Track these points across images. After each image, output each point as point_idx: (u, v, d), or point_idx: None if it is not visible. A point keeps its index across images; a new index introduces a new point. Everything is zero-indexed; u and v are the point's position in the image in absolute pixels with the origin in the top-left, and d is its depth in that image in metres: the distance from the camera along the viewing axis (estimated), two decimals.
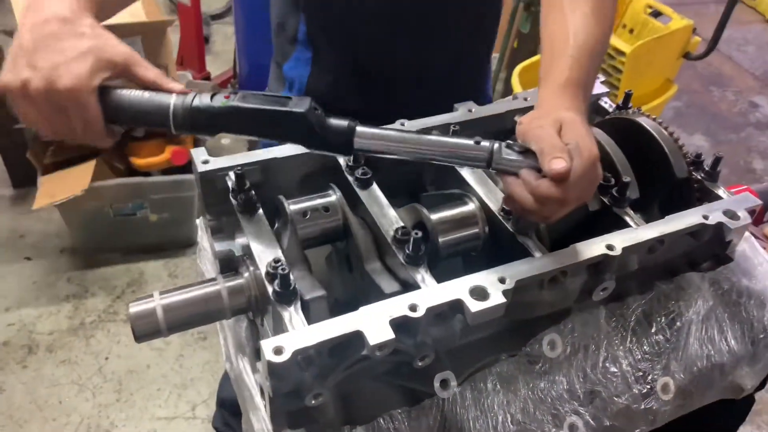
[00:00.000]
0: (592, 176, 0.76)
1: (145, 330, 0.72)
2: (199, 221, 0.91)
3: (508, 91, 3.14)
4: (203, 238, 0.89)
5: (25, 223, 2.98)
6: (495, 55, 3.64)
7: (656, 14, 3.01)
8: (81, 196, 2.48)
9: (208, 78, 3.42)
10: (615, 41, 2.86)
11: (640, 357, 0.90)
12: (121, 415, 2.30)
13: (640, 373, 0.89)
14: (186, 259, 2.86)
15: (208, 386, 2.36)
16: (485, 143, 0.78)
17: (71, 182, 2.53)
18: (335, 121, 0.78)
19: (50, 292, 2.72)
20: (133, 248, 2.82)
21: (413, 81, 1.24)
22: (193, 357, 2.44)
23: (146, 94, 0.79)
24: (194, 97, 0.78)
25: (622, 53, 2.80)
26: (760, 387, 1.09)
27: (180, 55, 3.43)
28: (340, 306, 0.90)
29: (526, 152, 0.77)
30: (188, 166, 2.73)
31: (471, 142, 0.79)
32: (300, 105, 0.76)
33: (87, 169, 2.55)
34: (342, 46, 1.27)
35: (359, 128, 0.78)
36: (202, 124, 0.77)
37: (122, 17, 2.55)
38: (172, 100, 0.78)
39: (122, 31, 2.41)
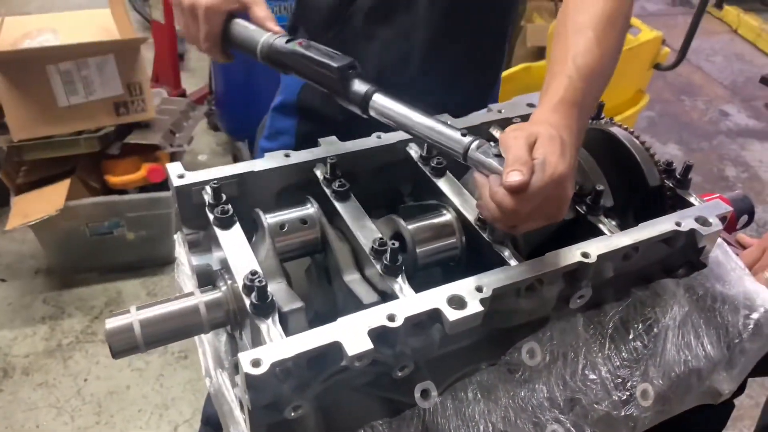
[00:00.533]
0: (554, 193, 0.76)
1: (122, 346, 0.71)
2: (176, 236, 0.91)
3: None
4: (181, 252, 0.88)
5: None
6: None
7: None
8: (56, 216, 2.44)
9: (183, 95, 3.41)
10: None
11: (618, 364, 0.91)
12: None
13: (620, 380, 0.90)
14: (165, 277, 2.83)
15: (190, 405, 2.32)
16: (468, 138, 0.84)
17: (45, 202, 2.50)
18: (359, 84, 0.91)
19: (26, 313, 2.67)
20: (110, 267, 2.78)
21: (420, 92, 1.24)
22: (174, 376, 2.40)
23: (251, 27, 1.00)
24: (276, 38, 0.97)
25: None
26: (739, 392, 1.11)
27: (155, 72, 3.42)
28: (320, 318, 0.89)
29: (499, 158, 0.79)
30: (165, 184, 2.70)
31: (458, 133, 0.85)
32: (338, 61, 0.91)
33: (61, 188, 2.52)
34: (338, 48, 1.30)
35: (375, 96, 0.90)
36: (274, 59, 0.97)
37: (95, 35, 2.54)
38: (263, 37, 0.98)
39: (95, 49, 2.40)
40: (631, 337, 0.92)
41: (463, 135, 0.84)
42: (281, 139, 1.37)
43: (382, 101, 0.90)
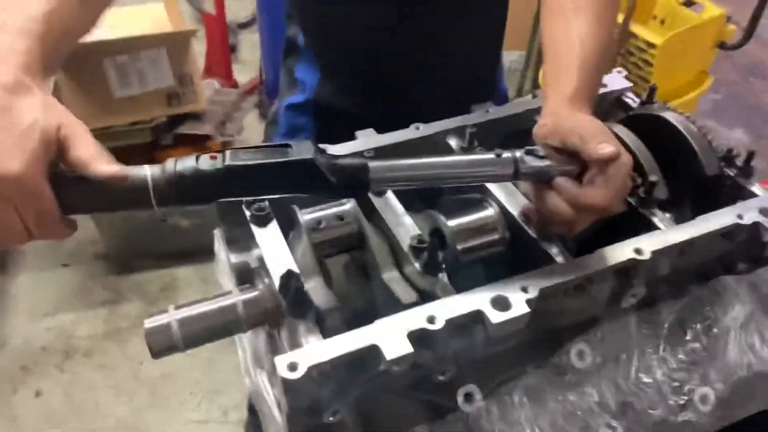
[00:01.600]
0: (627, 184, 0.75)
1: (162, 346, 0.71)
2: (216, 232, 0.91)
3: (535, 90, 3.08)
4: (220, 249, 0.88)
5: None
6: (522, 53, 3.58)
7: (689, 3, 2.90)
8: None
9: (235, 86, 3.45)
10: (645, 33, 2.76)
11: (675, 366, 0.86)
12: (156, 419, 2.33)
13: (676, 384, 0.85)
14: None
15: (240, 390, 2.37)
16: (507, 154, 0.75)
17: None
18: (347, 162, 0.71)
19: (86, 298, 2.78)
20: (165, 254, 2.86)
21: (422, 82, 1.21)
22: (224, 361, 2.46)
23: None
24: (175, 163, 0.66)
25: (653, 45, 2.71)
26: None
27: (207, 64, 3.47)
28: (359, 316, 0.88)
29: (549, 158, 0.75)
30: None
31: (492, 156, 0.75)
32: (304, 151, 0.68)
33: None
34: (343, 56, 1.27)
35: (372, 164, 0.71)
36: (192, 193, 0.66)
37: (149, 29, 2.60)
38: (148, 172, 0.66)
39: (146, 42, 2.45)
40: (688, 338, 0.87)
41: (498, 155, 0.74)
42: (299, 136, 1.34)
43: (383, 165, 0.72)
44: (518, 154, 0.75)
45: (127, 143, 2.65)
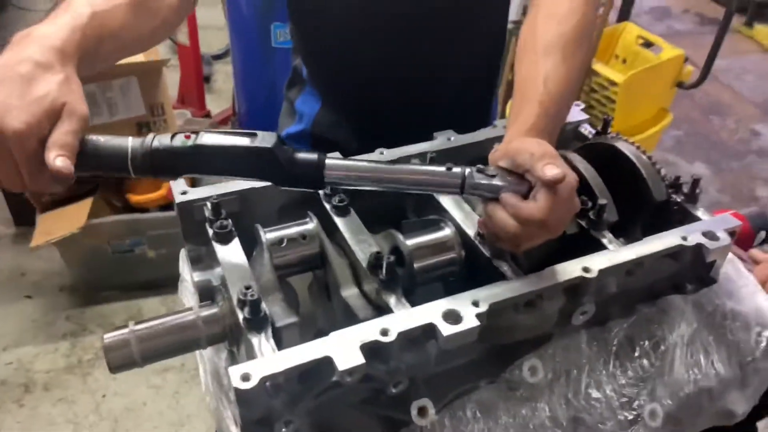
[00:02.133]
0: (571, 204, 0.78)
1: (120, 361, 0.72)
2: (182, 252, 0.92)
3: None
4: (184, 269, 0.89)
5: (26, 261, 2.99)
6: None
7: (648, 45, 3.05)
8: (79, 234, 2.49)
9: (208, 115, 3.47)
10: (608, 72, 2.89)
11: (624, 382, 0.89)
12: None
13: (625, 399, 0.88)
14: None
15: (204, 423, 2.33)
16: (457, 169, 0.79)
17: (68, 220, 2.55)
18: (304, 155, 0.76)
19: (49, 330, 2.72)
20: (131, 285, 2.82)
21: (419, 113, 1.24)
22: (189, 394, 2.42)
23: (102, 138, 0.75)
24: (153, 138, 0.74)
25: (615, 83, 2.83)
26: (758, 416, 1.07)
27: (180, 94, 3.49)
28: (322, 336, 0.90)
29: (497, 176, 0.79)
30: None
31: (443, 168, 0.79)
32: (266, 140, 0.73)
33: (84, 206, 2.57)
34: (344, 90, 1.30)
35: (329, 161, 0.76)
36: (164, 165, 0.74)
37: None
38: (130, 143, 0.74)
39: (118, 71, 2.46)
40: (637, 354, 0.90)
41: (449, 169, 0.78)
42: None
43: (338, 164, 0.76)
44: (468, 170, 0.79)
45: None
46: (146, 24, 0.93)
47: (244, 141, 0.74)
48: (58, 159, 0.70)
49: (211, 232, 0.83)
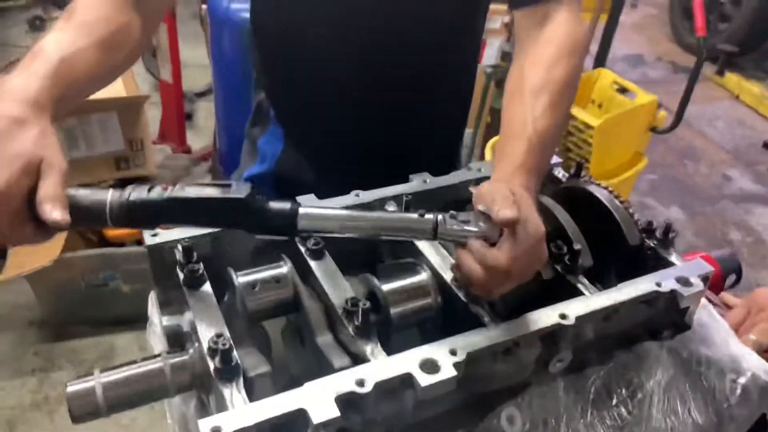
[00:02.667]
0: (537, 252, 0.79)
1: (83, 410, 0.69)
2: (151, 294, 0.90)
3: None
4: (153, 312, 0.87)
5: None
6: (468, 131, 3.74)
7: (622, 90, 3.14)
8: (51, 267, 2.44)
9: (188, 151, 3.47)
10: (584, 116, 2.95)
11: (602, 431, 0.88)
12: None
13: None
14: None
15: None
16: (429, 216, 0.80)
17: (41, 253, 2.50)
18: (277, 205, 0.78)
19: (15, 365, 2.64)
20: (104, 320, 2.75)
21: (385, 160, 1.22)
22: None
23: (81, 191, 0.77)
24: (131, 192, 0.77)
25: (591, 127, 2.89)
26: None
27: (162, 130, 3.49)
28: (296, 382, 0.87)
29: (470, 222, 0.79)
30: None
31: (415, 215, 0.80)
32: (240, 191, 0.76)
33: (58, 239, 2.53)
34: (310, 128, 1.29)
35: (302, 210, 0.78)
36: (140, 217, 0.77)
37: (99, 92, 2.60)
38: (108, 196, 0.77)
39: (97, 106, 2.46)
40: (614, 402, 0.89)
41: (421, 215, 0.80)
42: None
43: (312, 213, 0.78)
44: (440, 217, 0.80)
45: None
46: (113, 60, 0.95)
47: (216, 192, 0.76)
48: (54, 212, 0.71)
49: (181, 276, 0.81)
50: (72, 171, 2.54)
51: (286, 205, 0.78)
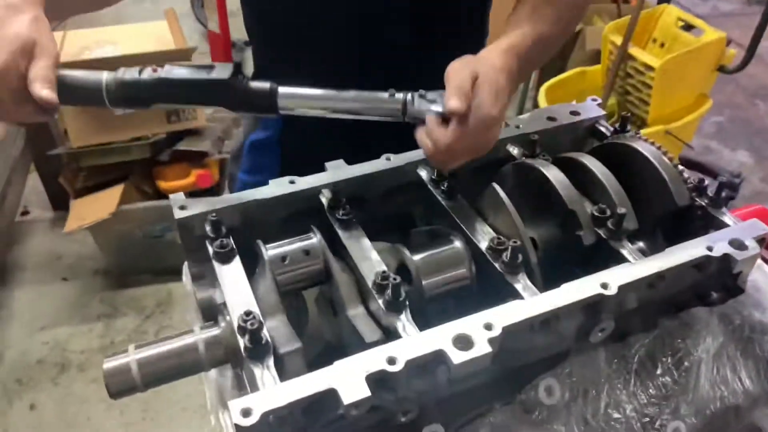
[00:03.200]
0: (484, 135, 0.85)
1: (120, 386, 0.71)
2: (185, 266, 0.91)
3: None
4: (188, 284, 0.88)
5: (62, 244, 3.08)
6: None
7: (688, 27, 2.88)
8: (110, 219, 2.54)
9: None
10: (644, 56, 2.74)
11: (645, 401, 0.85)
12: None
13: (647, 419, 0.84)
14: None
15: None
16: (399, 95, 0.86)
17: (100, 206, 2.60)
18: (257, 84, 0.84)
19: (83, 311, 2.80)
20: (161, 269, 2.87)
21: (390, 133, 1.20)
22: None
23: (78, 73, 0.84)
24: (125, 72, 0.83)
25: (651, 68, 2.68)
26: None
27: None
28: (330, 350, 0.88)
29: (437, 102, 0.85)
30: (214, 189, 2.77)
31: (386, 94, 0.86)
32: (223, 72, 0.83)
33: (115, 192, 2.62)
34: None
35: (281, 89, 0.85)
36: (134, 96, 0.83)
37: (151, 46, 2.62)
38: (104, 76, 0.83)
39: (149, 59, 2.46)
40: (659, 371, 0.86)
41: (392, 95, 0.86)
42: (263, 173, 1.28)
43: (291, 91, 0.85)
44: (409, 96, 0.86)
45: (126, 159, 2.68)
46: None
47: (202, 74, 0.83)
48: (43, 90, 0.78)
49: (211, 250, 0.81)
50: (125, 124, 2.60)
51: (265, 85, 0.85)
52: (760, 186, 3.47)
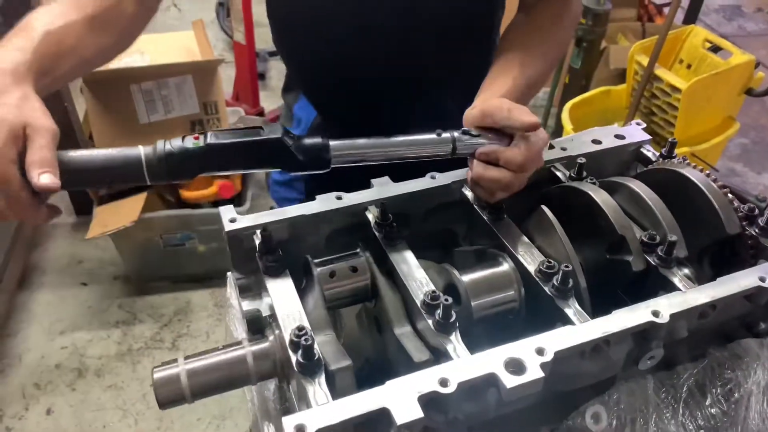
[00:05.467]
0: (541, 155, 0.90)
1: (169, 397, 0.71)
2: (229, 276, 0.91)
3: (558, 127, 3.07)
4: (232, 295, 0.88)
5: (83, 249, 3.09)
6: (546, 90, 3.58)
7: (715, 49, 2.86)
8: (132, 227, 2.55)
9: (261, 113, 3.49)
10: (671, 77, 2.72)
11: (694, 431, 0.83)
12: None
13: None
14: None
15: (246, 418, 2.36)
16: (446, 134, 0.89)
17: (123, 213, 2.61)
18: (309, 141, 0.83)
19: (102, 317, 2.80)
20: (181, 277, 2.87)
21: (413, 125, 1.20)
22: None
23: (110, 151, 0.76)
24: (165, 143, 0.77)
25: (677, 90, 2.67)
26: None
27: (235, 91, 3.53)
28: (371, 366, 0.87)
29: (481, 135, 0.89)
30: (235, 199, 2.77)
31: (434, 135, 0.89)
32: (274, 132, 0.80)
33: (138, 201, 2.63)
34: (334, 98, 1.26)
35: (332, 143, 0.84)
36: (179, 168, 0.77)
37: (177, 56, 2.64)
38: (142, 151, 0.77)
39: (175, 70, 2.50)
40: (708, 402, 0.85)
41: (439, 134, 0.89)
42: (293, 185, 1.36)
43: (341, 144, 0.84)
44: (456, 134, 0.89)
45: None
46: (105, 38, 0.94)
47: (253, 135, 0.79)
48: (42, 176, 0.70)
49: (262, 265, 0.81)
50: (151, 131, 2.60)
51: (317, 140, 0.82)
52: None
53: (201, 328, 2.76)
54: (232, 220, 0.85)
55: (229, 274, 0.91)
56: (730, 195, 0.93)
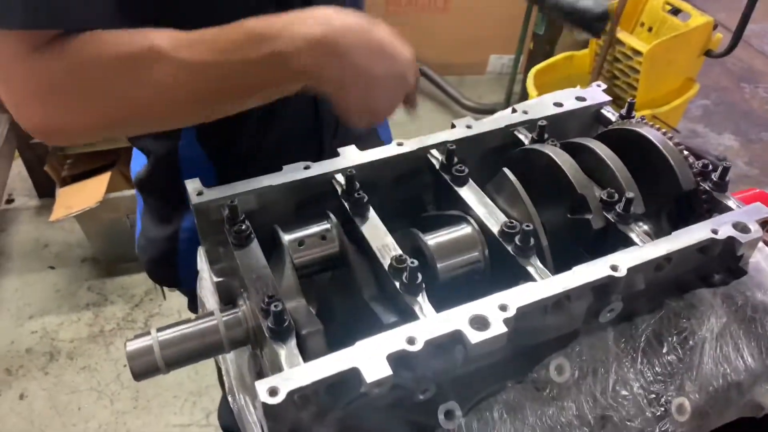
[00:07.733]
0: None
1: (143, 368, 0.72)
2: (200, 249, 0.91)
3: (524, 94, 3.09)
4: (203, 268, 0.88)
5: (49, 233, 3.04)
6: (511, 57, 3.59)
7: (676, 11, 2.91)
8: (97, 208, 2.52)
9: None
10: (632, 41, 2.76)
11: (652, 378, 0.87)
12: (138, 422, 2.34)
13: (653, 396, 0.87)
14: None
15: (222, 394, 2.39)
16: None
17: (87, 194, 2.57)
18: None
19: (72, 300, 2.78)
20: None
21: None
22: (208, 364, 2.45)
23: None
24: None
25: (639, 53, 2.71)
26: None
27: None
28: (346, 329, 0.89)
29: None
30: None
31: None
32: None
33: (102, 181, 2.59)
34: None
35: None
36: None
37: None
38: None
39: None
40: (664, 350, 0.89)
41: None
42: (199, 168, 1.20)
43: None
44: None
45: (113, 146, 2.64)
46: None
47: None
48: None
49: (229, 236, 0.81)
50: None
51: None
52: (745, 169, 3.53)
53: (173, 306, 2.76)
54: (200, 193, 0.85)
55: (199, 248, 0.91)
56: (685, 152, 0.96)
